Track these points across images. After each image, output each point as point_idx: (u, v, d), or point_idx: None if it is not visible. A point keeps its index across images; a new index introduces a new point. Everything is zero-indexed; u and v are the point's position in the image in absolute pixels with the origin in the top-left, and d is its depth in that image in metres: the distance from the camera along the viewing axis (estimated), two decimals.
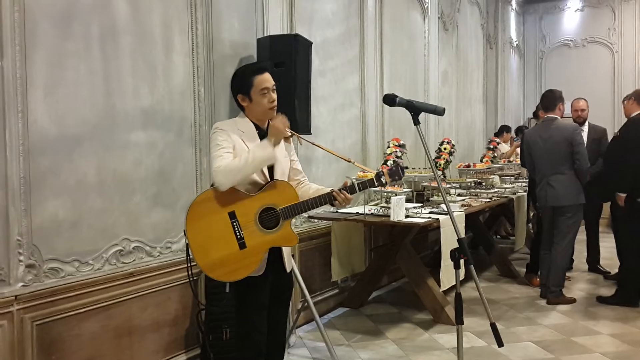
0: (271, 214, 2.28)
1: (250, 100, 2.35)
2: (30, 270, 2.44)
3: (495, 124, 8.53)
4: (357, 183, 2.35)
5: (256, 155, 2.21)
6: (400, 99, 2.18)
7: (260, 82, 2.32)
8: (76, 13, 2.62)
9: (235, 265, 2.24)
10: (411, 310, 4.53)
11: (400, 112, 3.96)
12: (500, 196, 5.47)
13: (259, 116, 2.38)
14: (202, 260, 2.22)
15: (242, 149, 2.30)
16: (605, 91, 9.20)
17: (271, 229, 2.28)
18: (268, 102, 2.34)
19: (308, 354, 3.57)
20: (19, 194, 2.38)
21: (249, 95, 2.34)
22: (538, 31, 10.11)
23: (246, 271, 2.26)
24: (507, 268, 5.71)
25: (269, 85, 2.34)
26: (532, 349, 3.69)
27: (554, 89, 4.91)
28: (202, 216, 2.24)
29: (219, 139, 2.29)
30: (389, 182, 2.39)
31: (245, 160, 2.20)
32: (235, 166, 2.19)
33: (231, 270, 2.24)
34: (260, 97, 2.33)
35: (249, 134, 2.36)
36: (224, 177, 2.19)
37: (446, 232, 3.93)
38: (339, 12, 4.62)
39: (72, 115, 2.60)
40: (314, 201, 2.33)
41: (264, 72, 2.36)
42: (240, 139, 2.32)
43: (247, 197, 2.27)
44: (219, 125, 2.36)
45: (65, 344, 2.58)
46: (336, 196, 2.32)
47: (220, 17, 3.43)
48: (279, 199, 2.29)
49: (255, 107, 2.36)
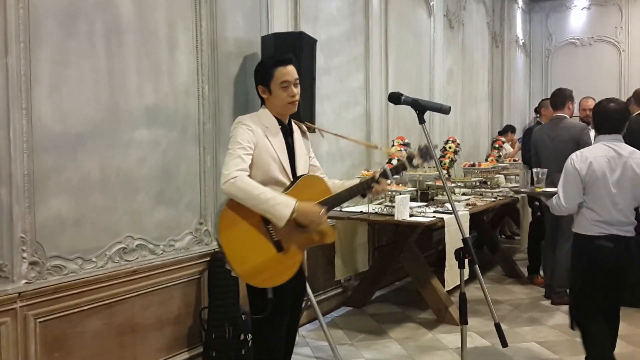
0: None
1: (270, 93, 2.28)
2: (33, 267, 2.44)
3: (501, 123, 8.48)
4: (390, 169, 2.26)
5: (275, 207, 2.09)
6: (405, 97, 2.16)
7: (282, 75, 2.25)
8: (80, 11, 2.61)
9: (276, 269, 2.16)
10: (415, 309, 4.51)
11: (405, 111, 3.94)
12: (505, 195, 5.44)
13: (278, 110, 2.31)
14: (240, 267, 2.13)
15: (266, 147, 2.22)
16: (611, 90, 9.08)
17: (306, 227, 2.20)
18: (288, 96, 2.26)
19: (311, 353, 3.57)
20: (22, 192, 2.38)
21: (269, 87, 2.27)
22: (544, 29, 10.05)
23: (287, 274, 2.18)
24: (512, 268, 5.69)
25: (290, 79, 2.26)
26: (536, 350, 3.67)
27: (565, 88, 4.88)
28: (235, 222, 2.13)
29: (240, 136, 2.20)
30: (420, 164, 2.32)
31: (264, 199, 2.09)
32: (253, 193, 2.09)
33: (272, 275, 2.15)
34: (280, 90, 2.25)
35: (273, 129, 2.28)
36: (238, 192, 2.10)
37: (451, 231, 3.92)
38: (344, 9, 4.60)
39: (76, 113, 2.60)
40: (348, 193, 2.25)
41: (287, 64, 2.28)
42: (264, 135, 2.24)
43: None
44: (243, 120, 2.27)
45: (69, 342, 2.59)
46: (374, 185, 2.23)
47: (225, 14, 3.42)
48: (312, 194, 2.21)
49: (275, 100, 2.28)
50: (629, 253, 2.93)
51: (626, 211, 2.90)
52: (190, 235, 3.22)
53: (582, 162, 2.93)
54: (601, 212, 2.90)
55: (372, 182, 2.25)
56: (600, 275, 2.94)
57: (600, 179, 2.88)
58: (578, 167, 2.94)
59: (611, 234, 2.89)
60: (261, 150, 2.20)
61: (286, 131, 2.32)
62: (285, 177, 2.26)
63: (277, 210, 2.09)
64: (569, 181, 2.97)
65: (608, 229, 2.89)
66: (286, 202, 2.12)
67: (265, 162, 2.22)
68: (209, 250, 3.31)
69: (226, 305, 3.18)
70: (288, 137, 2.34)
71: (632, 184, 2.87)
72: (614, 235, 2.89)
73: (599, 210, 2.90)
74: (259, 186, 2.12)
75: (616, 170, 2.87)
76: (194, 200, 3.24)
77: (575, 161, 2.97)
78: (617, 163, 2.88)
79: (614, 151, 2.90)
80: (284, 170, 2.25)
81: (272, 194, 2.12)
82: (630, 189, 2.88)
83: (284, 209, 2.09)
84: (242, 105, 3.56)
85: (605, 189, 2.88)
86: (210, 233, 3.33)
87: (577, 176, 2.93)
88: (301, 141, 2.37)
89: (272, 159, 2.23)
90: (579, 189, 2.94)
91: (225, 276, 3.23)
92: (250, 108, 3.60)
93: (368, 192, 2.30)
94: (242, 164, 2.14)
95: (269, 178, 2.22)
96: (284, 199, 2.12)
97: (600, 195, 2.89)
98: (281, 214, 2.09)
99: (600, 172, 2.88)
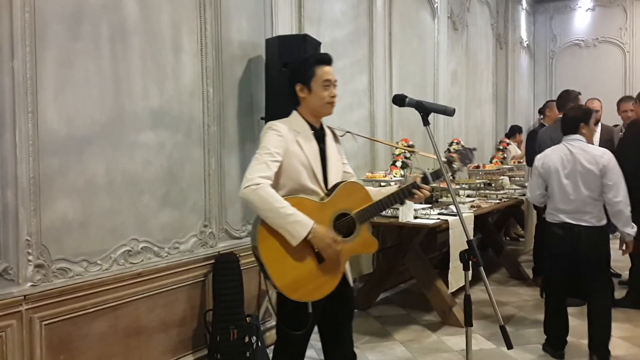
0: (346, 220, 2.12)
1: (310, 91, 2.18)
2: (39, 270, 2.45)
3: (505, 125, 8.47)
4: (430, 173, 2.18)
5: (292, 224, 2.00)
6: (409, 100, 2.15)
7: (324, 73, 2.18)
8: (86, 14, 2.63)
9: (317, 282, 2.06)
10: (419, 312, 4.51)
11: (409, 113, 3.93)
12: (510, 197, 5.43)
13: (314, 111, 2.21)
14: (280, 281, 2.02)
15: (296, 153, 2.12)
16: (616, 91, 9.06)
17: (348, 236, 2.11)
18: (328, 95, 2.18)
19: (315, 355, 3.56)
20: (28, 194, 2.39)
21: (309, 85, 2.18)
22: (549, 31, 10.03)
23: (329, 287, 2.09)
24: (517, 270, 5.67)
25: (332, 79, 2.19)
26: (542, 352, 3.65)
27: (571, 90, 4.87)
28: (273, 233, 2.02)
29: (269, 141, 2.10)
30: (460, 167, 2.26)
31: (284, 213, 1.99)
32: (273, 205, 1.99)
33: (313, 288, 2.05)
34: (322, 89, 2.17)
35: (304, 134, 2.18)
36: (257, 200, 1.99)
37: (455, 233, 3.91)
38: (348, 12, 4.61)
39: (82, 116, 2.61)
40: (389, 200, 2.16)
41: (329, 64, 2.22)
42: (295, 140, 2.14)
43: (318, 205, 2.09)
44: (273, 125, 2.17)
45: (74, 344, 2.59)
46: (415, 192, 2.16)
47: (229, 17, 3.43)
48: (352, 202, 2.13)
49: (313, 100, 2.18)
50: (579, 240, 3.30)
51: (578, 201, 3.31)
52: (195, 238, 3.22)
53: (540, 159, 3.49)
54: (555, 201, 3.41)
55: (413, 188, 2.17)
56: (559, 259, 3.42)
57: (553, 173, 3.39)
58: (537, 163, 3.50)
59: (563, 221, 3.36)
60: (291, 156, 2.11)
61: (319, 136, 2.22)
62: (316, 185, 2.15)
63: (294, 228, 1.99)
64: (532, 175, 3.60)
65: (560, 217, 3.38)
66: (305, 221, 2.01)
67: (295, 169, 2.12)
68: (213, 252, 3.32)
69: (231, 307, 3.19)
70: (320, 142, 2.23)
71: (581, 177, 3.31)
72: (565, 222, 3.35)
73: (554, 200, 3.42)
74: (281, 199, 2.02)
75: (567, 166, 3.35)
76: (198, 203, 3.24)
77: (536, 159, 3.54)
78: (568, 159, 3.36)
79: (567, 149, 3.38)
80: (315, 178, 2.15)
81: (293, 210, 2.00)
82: (581, 180, 3.31)
83: (301, 228, 1.99)
84: (247, 107, 3.57)
85: (558, 181, 3.37)
86: (214, 235, 3.34)
87: (535, 171, 3.51)
88: (334, 146, 2.27)
89: (302, 165, 2.13)
90: (538, 182, 3.50)
91: (230, 278, 3.24)
92: (255, 111, 3.62)
93: (409, 199, 2.21)
94: (266, 170, 2.04)
95: (299, 185, 2.13)
96: (302, 218, 2.01)
97: (554, 187, 3.40)
98: (298, 232, 1.99)
99: (553, 166, 3.39)
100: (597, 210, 3.30)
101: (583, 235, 3.30)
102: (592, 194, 3.28)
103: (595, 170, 3.26)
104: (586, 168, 3.28)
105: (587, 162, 3.29)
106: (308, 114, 2.22)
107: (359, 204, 2.14)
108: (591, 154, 3.31)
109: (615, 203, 3.24)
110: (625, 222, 3.27)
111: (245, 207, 3.56)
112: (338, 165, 2.27)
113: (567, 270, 3.41)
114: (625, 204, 3.26)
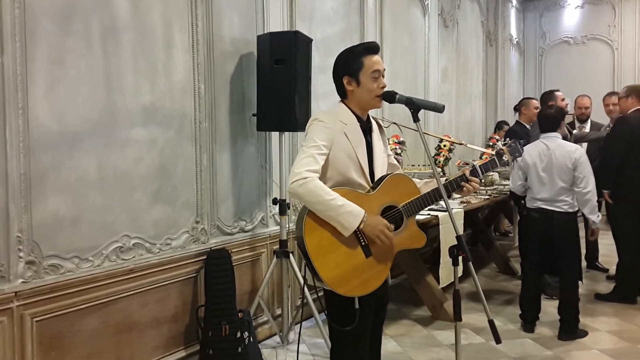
0: (393, 213, 2.07)
1: (358, 84, 2.10)
2: (30, 266, 2.45)
3: (495, 121, 8.53)
4: (480, 166, 2.16)
5: (344, 215, 1.94)
6: (400, 96, 2.16)
7: (373, 64, 2.09)
8: (77, 10, 2.62)
9: (364, 277, 2.00)
10: (410, 306, 4.54)
11: (400, 109, 3.96)
12: (500, 193, 5.47)
13: (362, 103, 2.14)
14: (327, 274, 1.96)
15: (343, 145, 2.06)
16: (605, 88, 9.08)
17: (395, 230, 2.06)
18: (378, 87, 2.10)
19: (307, 350, 3.58)
20: (19, 191, 2.38)
21: (357, 77, 2.09)
22: (538, 28, 10.10)
23: (377, 282, 2.03)
24: (506, 265, 5.73)
25: (381, 68, 2.11)
26: (530, 346, 3.70)
27: (554, 89, 4.97)
28: (320, 225, 1.97)
29: (316, 134, 2.04)
30: (510, 160, 2.24)
31: (334, 205, 1.93)
32: (323, 198, 1.93)
33: (360, 282, 1.99)
34: (371, 81, 2.09)
35: (352, 127, 2.10)
36: (306, 194, 1.94)
37: (445, 229, 3.94)
38: (339, 8, 4.62)
39: (73, 112, 2.60)
40: (437, 192, 2.09)
41: (376, 53, 2.12)
42: (342, 132, 2.07)
43: (365, 197, 2.03)
44: (320, 117, 2.09)
45: (65, 341, 2.59)
46: (465, 184, 2.13)
47: (221, 14, 3.43)
48: (399, 195, 2.08)
49: (362, 92, 2.10)
50: (553, 223, 3.78)
51: (553, 191, 3.78)
52: (187, 234, 3.23)
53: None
54: (533, 191, 3.89)
55: (462, 181, 2.15)
56: (535, 239, 3.91)
57: (531, 166, 3.87)
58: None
59: (539, 207, 3.85)
60: (338, 149, 2.05)
61: (365, 129, 2.15)
62: (362, 178, 2.10)
63: (346, 219, 1.94)
64: (513, 168, 4.04)
65: (537, 203, 3.86)
66: (357, 211, 1.96)
67: (342, 162, 2.07)
68: (205, 248, 3.33)
69: (223, 303, 3.19)
70: (367, 135, 2.17)
71: (556, 169, 3.77)
72: (540, 208, 3.84)
73: (532, 189, 3.90)
74: (331, 191, 1.96)
75: (544, 160, 3.81)
76: (190, 199, 3.25)
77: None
78: (545, 154, 3.82)
79: (545, 145, 3.84)
80: (362, 170, 2.10)
81: (343, 201, 1.95)
82: (555, 173, 3.77)
83: (352, 219, 1.95)
84: (238, 104, 3.57)
85: (536, 173, 3.85)
86: (206, 231, 3.35)
87: (516, 165, 3.94)
88: (379, 139, 2.21)
89: (349, 158, 2.08)
90: (518, 174, 3.98)
91: (222, 274, 3.25)
92: (247, 107, 3.62)
93: (457, 192, 2.17)
94: (314, 164, 1.98)
95: (345, 178, 2.08)
96: (354, 208, 1.96)
97: (532, 178, 3.89)
98: (350, 223, 1.94)
99: (531, 161, 3.86)
100: (570, 198, 3.78)
101: (556, 219, 3.78)
102: (565, 185, 3.76)
103: (568, 164, 3.74)
104: (560, 162, 3.76)
105: (561, 157, 3.76)
106: (356, 106, 2.15)
107: (406, 196, 2.10)
108: (565, 150, 3.78)
109: (585, 193, 3.73)
110: (592, 210, 3.75)
111: (237, 204, 3.57)
112: (383, 158, 2.22)
113: (541, 248, 3.88)
114: (593, 193, 3.74)
